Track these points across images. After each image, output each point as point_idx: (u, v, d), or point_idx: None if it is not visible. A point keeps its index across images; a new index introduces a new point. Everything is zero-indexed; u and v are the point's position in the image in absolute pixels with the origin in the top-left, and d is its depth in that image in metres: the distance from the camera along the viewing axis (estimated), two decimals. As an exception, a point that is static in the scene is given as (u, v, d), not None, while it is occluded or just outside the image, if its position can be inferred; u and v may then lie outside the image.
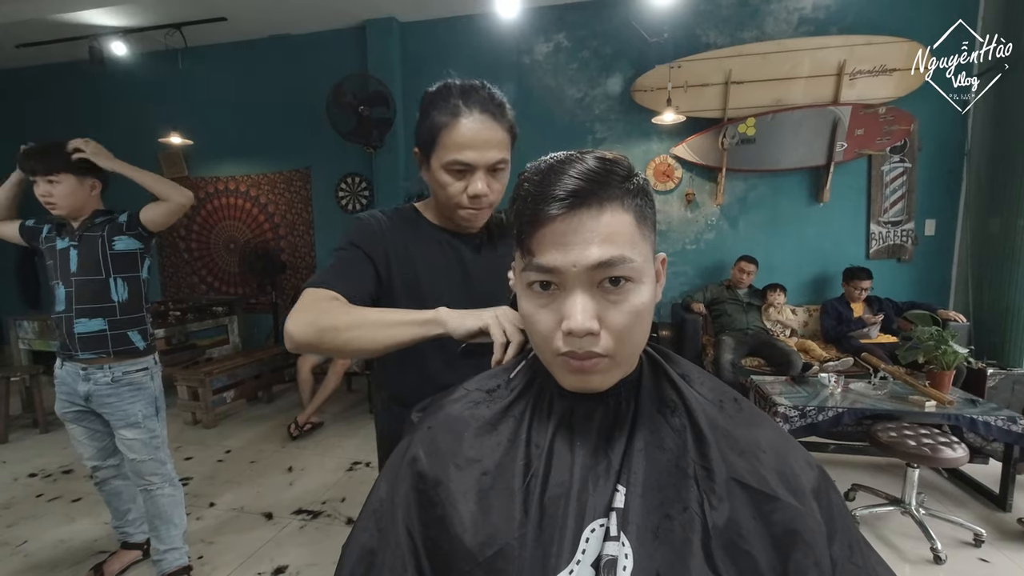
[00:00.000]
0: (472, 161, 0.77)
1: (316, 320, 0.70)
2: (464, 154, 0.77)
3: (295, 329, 0.70)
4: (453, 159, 0.77)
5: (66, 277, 1.59)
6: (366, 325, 0.69)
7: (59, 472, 2.70)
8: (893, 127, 3.35)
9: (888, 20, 3.34)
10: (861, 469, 2.56)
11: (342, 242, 0.83)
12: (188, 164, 4.62)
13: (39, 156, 1.53)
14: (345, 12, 3.86)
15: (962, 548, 1.93)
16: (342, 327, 0.69)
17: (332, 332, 0.69)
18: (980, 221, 3.28)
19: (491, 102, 0.79)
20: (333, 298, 0.74)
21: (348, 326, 0.69)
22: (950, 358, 2.14)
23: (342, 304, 0.74)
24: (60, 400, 1.67)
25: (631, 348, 0.47)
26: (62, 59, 4.45)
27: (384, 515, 0.50)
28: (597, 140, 3.85)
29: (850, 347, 3.10)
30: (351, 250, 0.82)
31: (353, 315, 0.71)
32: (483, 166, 0.78)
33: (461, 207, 0.81)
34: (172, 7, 3.67)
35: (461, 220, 0.84)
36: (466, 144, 0.76)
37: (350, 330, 0.69)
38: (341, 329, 0.69)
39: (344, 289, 0.76)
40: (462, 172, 0.78)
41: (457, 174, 0.79)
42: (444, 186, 0.80)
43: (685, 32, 3.60)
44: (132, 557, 1.89)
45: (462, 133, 0.76)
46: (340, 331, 0.69)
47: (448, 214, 0.85)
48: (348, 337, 0.69)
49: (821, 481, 0.47)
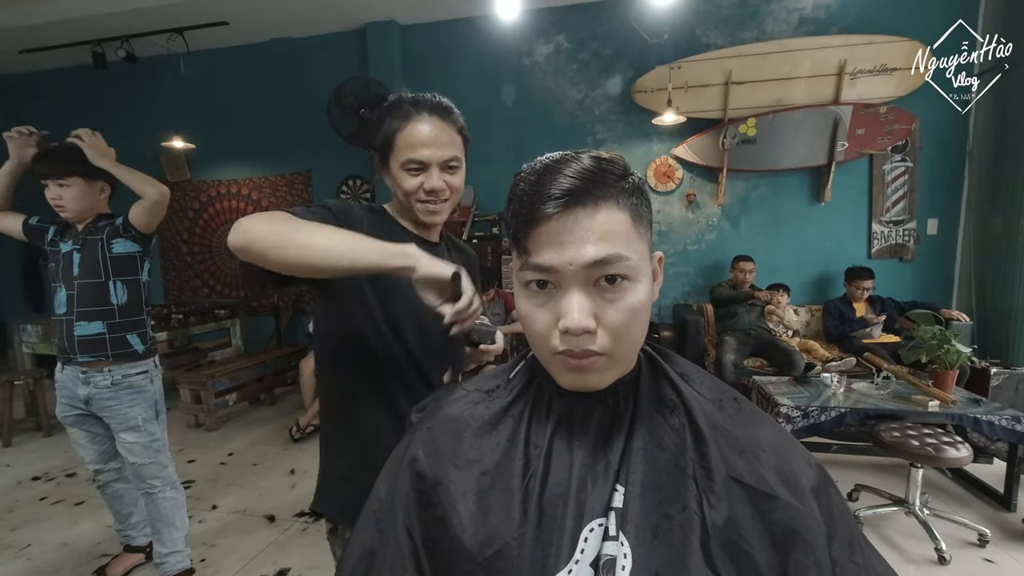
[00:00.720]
0: (426, 159, 0.81)
1: (275, 218, 0.69)
2: (418, 152, 0.81)
3: (251, 222, 0.67)
4: (408, 158, 0.81)
5: (68, 280, 1.59)
6: (329, 233, 0.68)
7: (62, 475, 2.71)
8: (894, 126, 3.34)
9: (888, 20, 3.34)
10: (864, 469, 2.55)
11: (318, 204, 0.82)
12: (190, 167, 4.64)
13: (49, 159, 1.54)
14: (346, 15, 3.87)
15: (967, 548, 1.92)
16: (303, 228, 0.68)
17: (291, 233, 0.67)
18: (982, 220, 3.27)
19: (440, 106, 0.84)
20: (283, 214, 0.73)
21: (310, 228, 0.68)
22: (953, 357, 2.13)
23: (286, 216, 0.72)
24: (61, 404, 1.68)
25: (628, 346, 0.47)
26: (65, 64, 4.48)
27: (384, 515, 0.50)
28: (598, 141, 3.86)
29: (853, 347, 3.09)
30: (323, 212, 0.80)
31: (317, 226, 0.70)
32: (437, 163, 0.82)
33: (420, 201, 0.84)
34: (174, 11, 3.69)
35: (422, 215, 0.86)
36: (419, 143, 0.81)
37: (311, 231, 0.68)
38: (302, 229, 0.68)
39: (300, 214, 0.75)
40: (418, 170, 0.82)
41: (414, 172, 0.83)
42: (402, 184, 0.83)
43: (685, 33, 3.60)
44: (135, 560, 1.89)
45: (415, 134, 0.81)
46: (299, 231, 0.67)
47: (410, 214, 0.88)
48: (305, 240, 0.67)
49: (821, 480, 0.47)
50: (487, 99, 3.94)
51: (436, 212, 0.86)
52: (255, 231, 0.67)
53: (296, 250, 0.67)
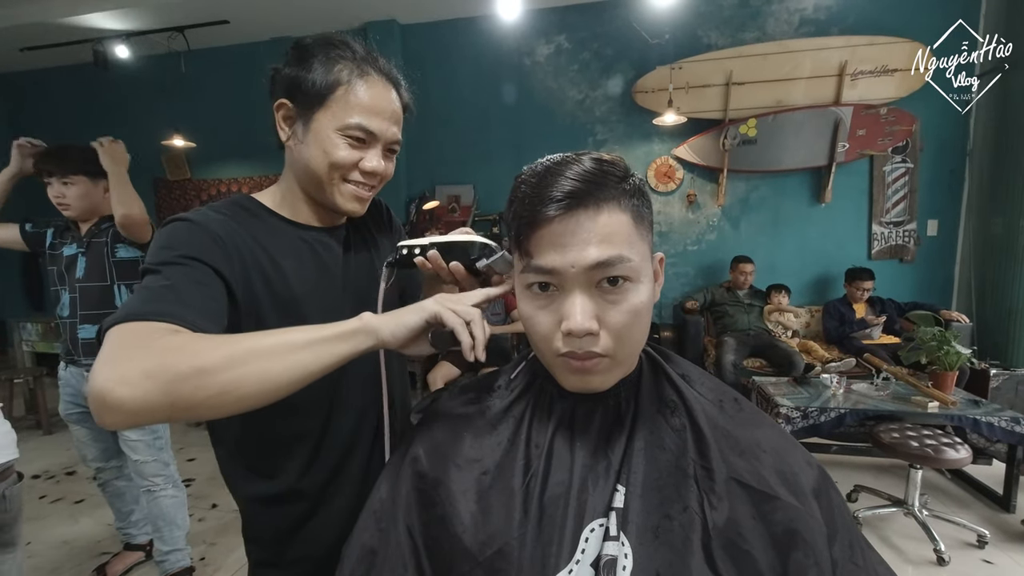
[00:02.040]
0: (376, 130, 0.64)
1: (162, 365, 0.43)
2: (371, 120, 0.63)
3: (119, 388, 0.41)
4: (357, 123, 0.62)
5: (71, 283, 1.60)
6: (256, 357, 0.46)
7: (62, 473, 2.71)
8: (895, 127, 3.34)
9: (889, 20, 3.34)
10: (864, 470, 2.55)
11: (169, 255, 0.55)
12: (190, 166, 4.64)
13: (54, 158, 1.54)
14: (346, 14, 3.87)
15: (966, 550, 1.92)
16: (213, 367, 0.44)
17: (196, 379, 0.43)
18: (983, 221, 3.27)
19: (393, 73, 0.67)
20: (171, 331, 0.48)
21: (224, 364, 0.44)
22: (953, 359, 2.13)
23: (197, 335, 0.48)
24: (64, 401, 1.68)
25: (631, 347, 0.47)
26: (66, 62, 4.47)
27: (385, 515, 0.50)
28: (598, 142, 3.85)
29: (852, 348, 3.09)
30: (191, 265, 0.55)
31: (228, 346, 0.46)
32: (384, 141, 0.66)
33: (347, 181, 0.65)
34: (175, 10, 3.69)
35: (344, 199, 0.66)
36: (373, 109, 0.63)
37: (230, 368, 0.44)
38: (212, 371, 0.44)
39: (188, 318, 0.50)
40: (360, 142, 0.64)
41: (354, 142, 0.63)
42: (331, 152, 0.62)
43: (686, 33, 3.60)
44: (135, 558, 1.89)
45: (371, 95, 0.63)
46: (211, 374, 0.44)
47: (322, 194, 0.66)
48: (228, 380, 0.44)
49: (821, 481, 0.47)
50: (487, 99, 3.94)
51: (364, 200, 0.68)
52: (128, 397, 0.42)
53: (219, 404, 0.45)
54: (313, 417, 0.68)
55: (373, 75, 0.64)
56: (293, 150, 0.66)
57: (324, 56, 0.63)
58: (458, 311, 0.51)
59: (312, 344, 0.49)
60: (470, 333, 0.50)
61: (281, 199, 0.70)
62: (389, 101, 0.65)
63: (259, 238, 0.64)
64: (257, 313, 0.61)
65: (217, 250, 0.58)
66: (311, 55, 0.63)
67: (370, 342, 0.51)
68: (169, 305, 0.50)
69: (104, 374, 0.42)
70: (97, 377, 0.42)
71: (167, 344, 0.46)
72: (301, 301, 0.64)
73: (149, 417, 0.43)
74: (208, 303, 0.54)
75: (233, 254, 0.60)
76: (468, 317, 0.51)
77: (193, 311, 0.51)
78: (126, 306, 0.50)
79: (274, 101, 0.66)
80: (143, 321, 0.48)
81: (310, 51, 0.63)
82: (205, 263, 0.56)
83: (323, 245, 0.70)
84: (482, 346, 0.51)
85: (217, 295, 0.56)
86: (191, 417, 0.47)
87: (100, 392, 0.42)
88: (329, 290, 0.68)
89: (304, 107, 0.64)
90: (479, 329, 0.51)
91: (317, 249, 0.69)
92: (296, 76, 0.63)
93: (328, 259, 0.70)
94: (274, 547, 0.71)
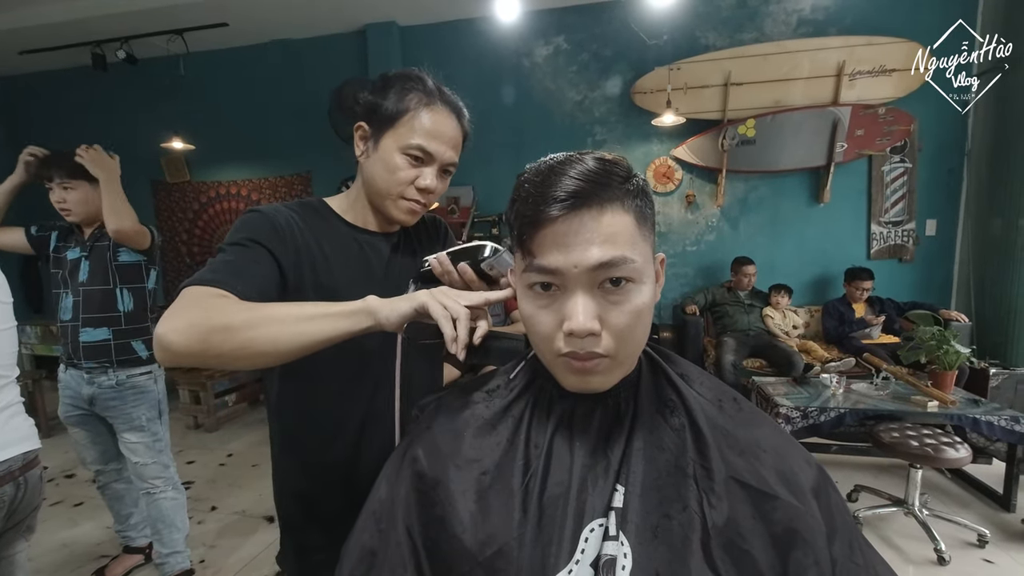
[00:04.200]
0: (435, 152, 0.73)
1: (201, 319, 0.55)
2: (430, 143, 0.73)
3: (172, 335, 0.54)
4: (417, 144, 0.72)
5: (74, 286, 1.60)
6: (272, 321, 0.56)
7: (61, 476, 2.70)
8: (893, 127, 3.35)
9: (887, 21, 3.35)
10: (864, 470, 2.55)
11: (237, 237, 0.69)
12: (190, 169, 4.64)
13: (55, 162, 1.55)
14: (345, 16, 3.87)
15: (966, 549, 1.92)
16: (237, 326, 0.55)
17: (223, 333, 0.54)
18: (981, 221, 3.28)
19: (458, 106, 0.77)
20: (220, 295, 0.60)
21: (246, 324, 0.55)
22: (952, 358, 2.13)
23: (234, 300, 0.60)
24: (64, 404, 1.68)
25: (632, 348, 0.47)
26: (65, 65, 4.47)
27: (384, 515, 0.50)
28: (597, 142, 3.86)
29: (852, 348, 3.09)
30: (252, 247, 0.68)
31: (253, 311, 0.57)
32: (440, 162, 0.75)
33: (404, 197, 0.75)
34: (174, 13, 3.69)
35: (400, 212, 0.76)
36: (433, 133, 0.73)
37: (249, 328, 0.55)
38: (236, 328, 0.55)
39: (238, 288, 0.61)
40: (419, 161, 0.74)
41: (413, 161, 0.73)
42: (394, 170, 0.73)
43: (684, 34, 3.61)
44: (134, 561, 1.89)
45: (433, 121, 0.73)
46: (235, 331, 0.54)
47: (382, 204, 0.76)
48: (247, 338, 0.54)
49: (820, 480, 0.47)
50: (487, 100, 3.94)
51: (413, 213, 0.77)
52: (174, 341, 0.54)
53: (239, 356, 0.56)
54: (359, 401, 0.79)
55: (438, 105, 0.74)
56: (364, 165, 0.77)
57: (400, 87, 0.73)
58: (447, 304, 0.54)
59: (317, 317, 0.57)
60: (454, 328, 0.53)
61: (348, 204, 0.81)
62: (449, 128, 0.75)
63: (316, 233, 0.75)
64: (300, 293, 0.71)
65: (275, 237, 0.70)
66: (390, 85, 0.74)
67: (369, 322, 0.57)
68: (225, 275, 0.62)
69: (165, 323, 0.55)
70: (160, 324, 0.55)
71: (211, 304, 0.58)
72: (339, 289, 0.72)
73: (188, 359, 0.56)
74: (257, 278, 0.65)
75: (288, 242, 0.71)
76: (456, 313, 0.53)
77: (243, 282, 0.62)
78: (198, 273, 0.63)
79: (354, 123, 0.77)
80: (203, 286, 0.60)
81: (390, 82, 0.74)
82: (263, 246, 0.68)
83: (372, 247, 0.80)
84: (463, 344, 0.53)
85: (268, 273, 0.68)
86: (219, 364, 0.58)
87: (158, 336, 0.55)
88: (367, 285, 0.74)
89: (377, 129, 0.74)
90: (463, 326, 0.53)
91: (365, 249, 0.79)
92: (374, 102, 0.74)
93: (373, 259, 0.79)
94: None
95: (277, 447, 0.84)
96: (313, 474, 0.80)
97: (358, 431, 0.79)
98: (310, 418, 0.79)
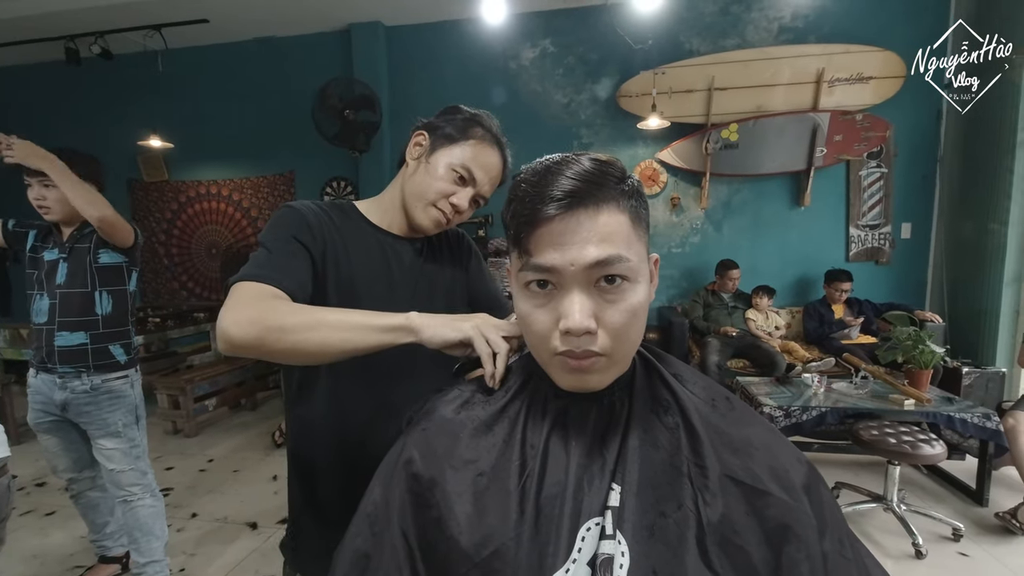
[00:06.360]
0: (478, 178, 0.81)
1: (260, 318, 0.62)
2: (477, 169, 0.81)
3: (234, 328, 0.61)
4: (465, 165, 0.80)
5: (51, 289, 1.54)
6: (321, 327, 0.62)
7: (32, 485, 2.61)
8: (870, 133, 3.44)
9: (864, 29, 3.44)
10: (844, 467, 2.61)
11: (276, 232, 0.75)
12: (168, 167, 4.53)
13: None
14: (330, 15, 3.84)
15: (942, 543, 1.98)
16: (291, 328, 0.62)
17: (278, 333, 0.61)
18: (954, 225, 3.39)
19: (506, 150, 0.85)
20: (275, 295, 0.67)
21: (298, 327, 0.62)
22: (927, 357, 2.20)
23: (288, 302, 0.67)
24: (34, 410, 1.61)
25: (628, 347, 0.48)
26: (37, 60, 4.34)
27: (379, 518, 0.49)
28: (583, 145, 3.88)
29: (832, 348, 3.16)
30: (291, 243, 0.74)
31: (304, 315, 0.64)
32: (477, 190, 0.82)
33: (435, 206, 0.81)
34: (152, 8, 3.61)
35: (423, 218, 0.82)
36: (482, 164, 0.81)
37: (301, 331, 0.62)
38: (289, 330, 0.62)
39: (284, 283, 0.68)
40: (461, 180, 0.81)
41: (456, 179, 0.80)
42: (437, 179, 0.80)
43: (669, 39, 3.66)
44: (111, 571, 1.83)
45: (486, 156, 0.81)
46: (288, 332, 0.62)
47: (413, 207, 0.82)
48: (298, 339, 0.62)
49: (811, 477, 0.48)
50: (473, 102, 3.75)
51: (441, 225, 0.83)
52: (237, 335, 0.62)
53: (290, 354, 0.63)
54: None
55: (495, 146, 0.83)
56: (409, 167, 0.84)
57: (469, 119, 0.82)
58: (490, 340, 0.59)
59: (361, 328, 0.63)
60: (493, 364, 0.57)
61: (377, 206, 0.87)
62: (495, 167, 0.83)
63: (343, 231, 0.81)
64: (324, 286, 0.77)
65: (308, 232, 0.76)
66: (458, 113, 0.83)
67: (410, 339, 0.63)
68: (271, 271, 0.69)
69: (228, 317, 0.63)
70: (223, 318, 0.63)
71: (268, 304, 0.65)
72: (357, 286, 0.79)
73: (246, 351, 0.62)
74: (298, 272, 0.72)
75: (317, 237, 0.77)
76: (497, 349, 0.58)
77: (287, 277, 0.70)
78: (245, 268, 0.69)
79: (414, 130, 0.85)
80: (254, 282, 0.67)
81: (459, 111, 0.84)
82: (300, 241, 0.75)
83: (393, 249, 0.85)
84: (500, 378, 0.57)
85: (305, 267, 0.74)
86: (274, 358, 0.64)
87: (221, 328, 0.62)
88: (384, 285, 0.83)
89: (435, 142, 0.82)
90: (502, 362, 0.57)
91: (387, 251, 0.84)
92: (440, 123, 0.83)
93: (393, 261, 0.84)
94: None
95: (294, 434, 0.87)
96: (327, 463, 0.82)
97: (374, 422, 0.80)
98: (329, 407, 0.81)
